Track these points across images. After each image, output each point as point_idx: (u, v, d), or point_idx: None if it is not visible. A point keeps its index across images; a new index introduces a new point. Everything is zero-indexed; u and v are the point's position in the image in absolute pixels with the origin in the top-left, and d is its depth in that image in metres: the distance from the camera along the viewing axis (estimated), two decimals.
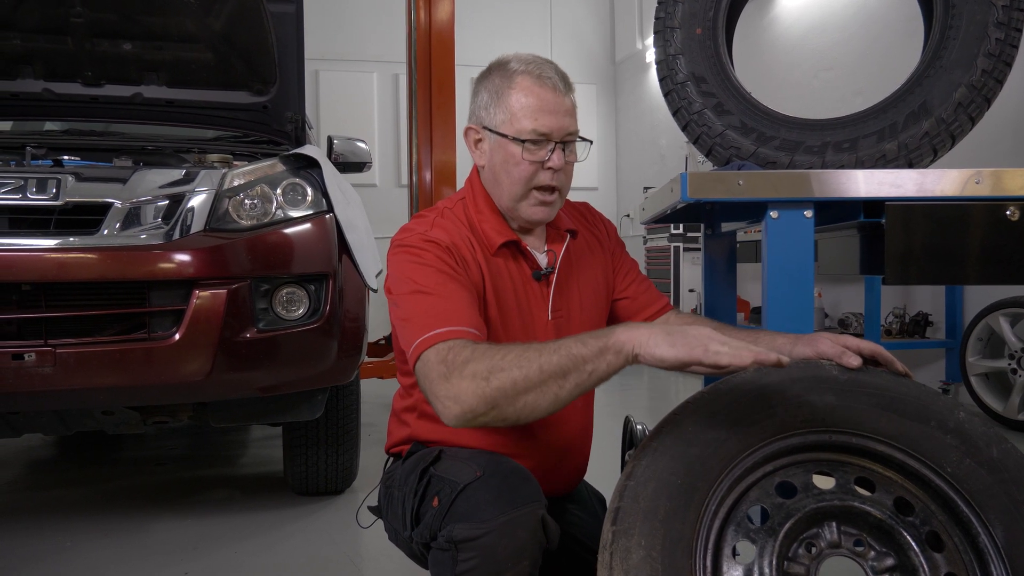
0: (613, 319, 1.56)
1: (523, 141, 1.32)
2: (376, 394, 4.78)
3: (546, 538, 1.19)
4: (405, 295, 1.26)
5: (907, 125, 1.52)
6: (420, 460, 1.31)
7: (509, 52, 1.43)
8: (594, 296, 1.50)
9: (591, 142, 1.40)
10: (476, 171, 1.46)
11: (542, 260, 1.44)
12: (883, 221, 1.42)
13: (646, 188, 6.96)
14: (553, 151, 1.33)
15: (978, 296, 4.24)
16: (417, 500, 1.26)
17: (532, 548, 1.16)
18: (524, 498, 1.16)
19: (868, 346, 1.24)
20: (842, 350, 1.22)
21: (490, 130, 1.38)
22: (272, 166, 2.43)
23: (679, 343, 1.01)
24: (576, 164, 1.40)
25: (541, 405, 1.06)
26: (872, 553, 1.12)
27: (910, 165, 1.52)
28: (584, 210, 1.60)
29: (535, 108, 1.32)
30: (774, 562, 1.07)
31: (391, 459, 1.52)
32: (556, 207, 1.40)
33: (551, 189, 1.36)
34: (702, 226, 2.16)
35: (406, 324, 1.23)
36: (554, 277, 1.43)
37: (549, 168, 1.34)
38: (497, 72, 1.38)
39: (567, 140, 1.35)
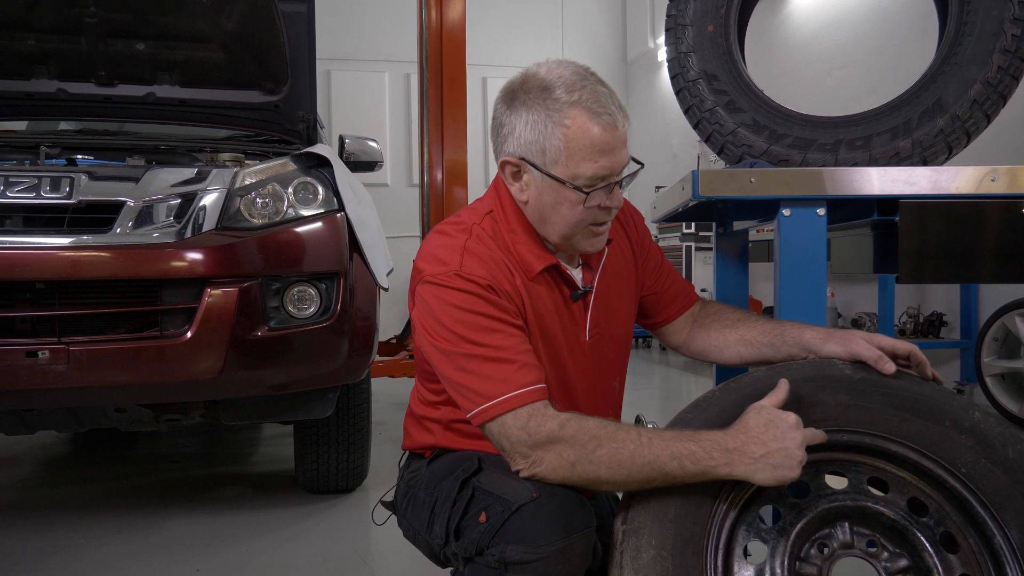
0: (640, 315, 1.50)
1: (581, 188, 1.19)
2: (387, 392, 4.79)
3: (593, 560, 1.18)
4: (459, 351, 1.19)
5: (921, 122, 1.50)
6: (457, 468, 1.27)
7: (523, 54, 1.39)
8: (626, 304, 1.43)
9: (642, 165, 1.24)
10: (505, 187, 1.30)
11: (577, 277, 1.35)
12: (897, 219, 1.41)
13: (658, 187, 6.94)
14: (611, 190, 1.22)
15: (994, 295, 4.20)
16: (459, 512, 1.22)
17: (581, 572, 1.15)
18: (580, 523, 1.13)
19: (903, 347, 1.21)
20: (878, 355, 1.19)
21: (536, 167, 1.21)
22: (284, 165, 2.44)
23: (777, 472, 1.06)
24: None
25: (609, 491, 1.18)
26: (885, 554, 1.11)
27: (924, 163, 1.51)
28: None
29: (595, 151, 1.17)
30: (786, 562, 1.07)
31: (410, 457, 1.49)
32: (608, 229, 1.30)
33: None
34: (714, 225, 2.15)
35: (464, 383, 1.18)
36: (591, 298, 1.35)
37: (607, 207, 1.23)
38: (538, 99, 1.19)
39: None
